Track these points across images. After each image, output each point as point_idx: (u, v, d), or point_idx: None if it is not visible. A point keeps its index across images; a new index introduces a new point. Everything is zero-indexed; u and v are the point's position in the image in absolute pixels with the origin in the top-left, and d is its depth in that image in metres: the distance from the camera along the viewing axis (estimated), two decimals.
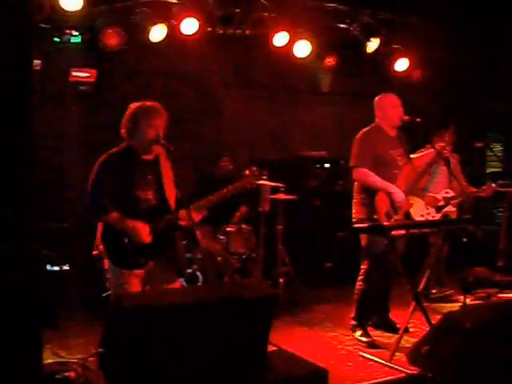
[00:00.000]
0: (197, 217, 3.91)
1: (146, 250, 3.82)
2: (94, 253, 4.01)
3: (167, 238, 3.93)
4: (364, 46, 6.67)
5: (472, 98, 8.45)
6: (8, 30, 2.44)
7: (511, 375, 3.07)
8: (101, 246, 4.02)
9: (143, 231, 3.79)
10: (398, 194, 4.93)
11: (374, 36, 6.61)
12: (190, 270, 5.78)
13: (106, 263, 4.04)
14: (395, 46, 6.94)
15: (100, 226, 4.01)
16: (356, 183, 5.14)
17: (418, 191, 6.09)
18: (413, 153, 6.32)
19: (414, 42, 6.96)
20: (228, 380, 2.73)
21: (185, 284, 5.16)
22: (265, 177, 4.55)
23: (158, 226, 3.85)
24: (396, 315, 5.41)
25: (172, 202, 3.91)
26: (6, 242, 2.43)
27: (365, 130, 5.16)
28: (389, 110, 5.13)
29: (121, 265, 3.83)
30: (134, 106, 3.92)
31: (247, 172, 4.21)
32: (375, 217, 4.89)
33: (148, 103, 3.91)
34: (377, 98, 5.27)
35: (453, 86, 8.06)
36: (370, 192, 4.98)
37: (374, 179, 4.93)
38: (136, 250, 3.80)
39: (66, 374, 4.10)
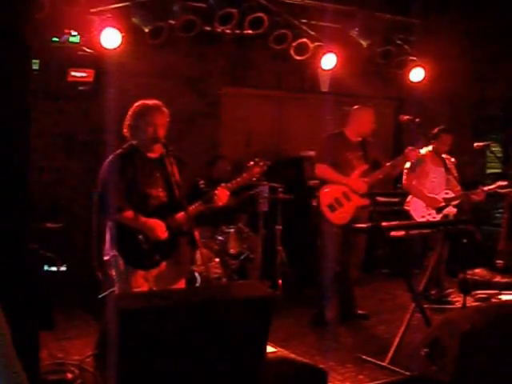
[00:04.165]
0: (223, 197, 3.94)
1: (160, 247, 3.81)
2: (106, 258, 3.93)
3: (180, 236, 3.91)
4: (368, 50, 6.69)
5: (472, 99, 8.45)
6: (7, 30, 2.43)
7: (510, 377, 3.06)
8: (113, 251, 3.91)
9: (159, 228, 3.78)
10: (355, 182, 5.46)
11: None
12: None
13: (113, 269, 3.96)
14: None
15: (108, 231, 3.93)
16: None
17: (419, 193, 6.10)
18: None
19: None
20: (227, 381, 2.71)
21: None
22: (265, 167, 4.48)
23: (172, 222, 3.84)
24: (396, 316, 5.40)
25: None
26: (4, 243, 2.42)
27: (330, 133, 5.72)
28: (363, 124, 5.57)
29: (136, 265, 3.80)
30: (135, 104, 3.91)
31: (251, 163, 4.19)
32: (320, 208, 5.50)
33: (149, 102, 3.89)
34: (355, 109, 5.66)
35: (453, 87, 8.06)
36: (319, 186, 5.59)
37: (333, 174, 5.48)
38: (151, 248, 3.79)
39: (63, 375, 4.10)
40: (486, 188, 6.05)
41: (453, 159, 6.28)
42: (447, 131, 6.22)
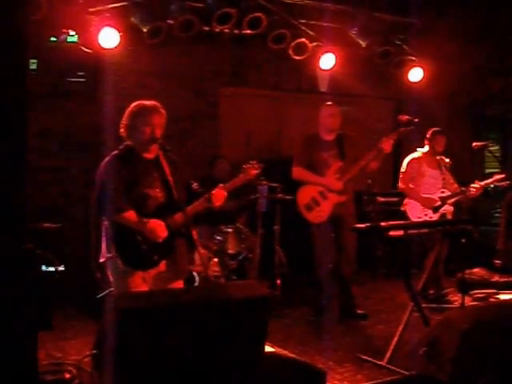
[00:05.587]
0: (220, 198, 3.96)
1: (159, 247, 3.80)
2: (102, 260, 3.91)
3: (179, 236, 3.91)
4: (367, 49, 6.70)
5: (471, 98, 8.44)
6: (5, 30, 2.42)
7: (510, 376, 3.06)
8: (109, 253, 3.89)
9: (160, 228, 3.78)
10: (330, 181, 5.58)
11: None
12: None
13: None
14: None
15: (104, 233, 3.91)
16: None
17: (415, 194, 6.10)
18: (410, 152, 6.35)
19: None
20: (225, 381, 2.71)
21: None
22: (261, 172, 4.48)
23: (171, 222, 3.83)
24: (394, 316, 5.40)
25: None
26: (2, 243, 2.41)
27: (305, 135, 5.91)
28: (326, 119, 5.69)
29: (135, 265, 3.79)
30: (133, 105, 3.90)
31: (247, 166, 4.19)
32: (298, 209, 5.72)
33: (146, 102, 3.89)
34: (320, 108, 5.80)
35: (451, 87, 8.06)
36: (296, 188, 5.75)
37: (308, 175, 5.66)
38: (150, 248, 3.78)
39: (61, 375, 4.09)
40: (483, 182, 6.05)
41: (447, 160, 6.28)
42: (441, 132, 6.23)
